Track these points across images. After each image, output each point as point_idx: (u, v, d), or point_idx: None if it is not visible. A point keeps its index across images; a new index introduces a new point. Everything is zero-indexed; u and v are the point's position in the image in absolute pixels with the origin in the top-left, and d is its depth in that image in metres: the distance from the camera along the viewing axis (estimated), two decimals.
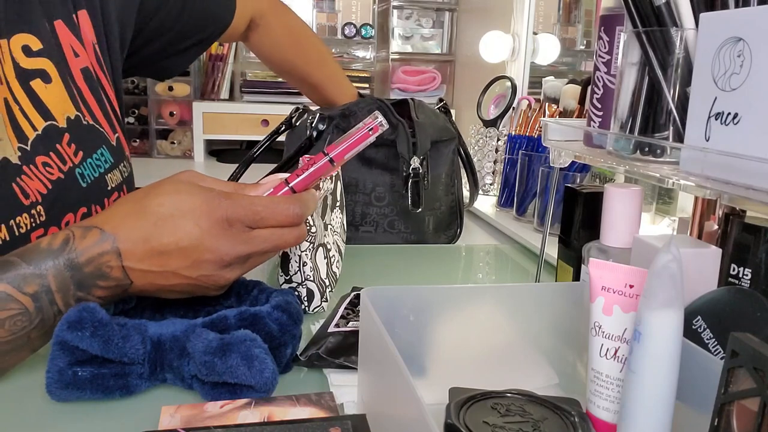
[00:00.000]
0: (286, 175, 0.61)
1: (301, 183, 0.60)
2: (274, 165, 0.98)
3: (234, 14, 0.94)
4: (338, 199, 0.79)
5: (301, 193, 0.60)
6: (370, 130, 0.59)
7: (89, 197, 0.67)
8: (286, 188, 0.60)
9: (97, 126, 0.71)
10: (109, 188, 0.71)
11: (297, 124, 1.02)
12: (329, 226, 0.76)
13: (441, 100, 1.11)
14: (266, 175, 0.75)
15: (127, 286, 0.54)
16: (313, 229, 0.69)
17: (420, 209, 0.91)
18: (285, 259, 0.69)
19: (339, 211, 0.80)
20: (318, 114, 0.95)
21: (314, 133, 0.94)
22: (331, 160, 0.60)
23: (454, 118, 1.10)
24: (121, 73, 0.80)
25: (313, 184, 0.61)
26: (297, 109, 1.04)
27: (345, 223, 0.85)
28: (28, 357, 0.54)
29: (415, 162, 0.90)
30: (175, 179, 0.58)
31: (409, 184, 0.90)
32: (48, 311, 0.51)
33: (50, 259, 0.51)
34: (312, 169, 0.60)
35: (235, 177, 0.99)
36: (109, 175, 0.71)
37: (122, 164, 0.75)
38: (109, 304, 0.56)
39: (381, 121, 0.59)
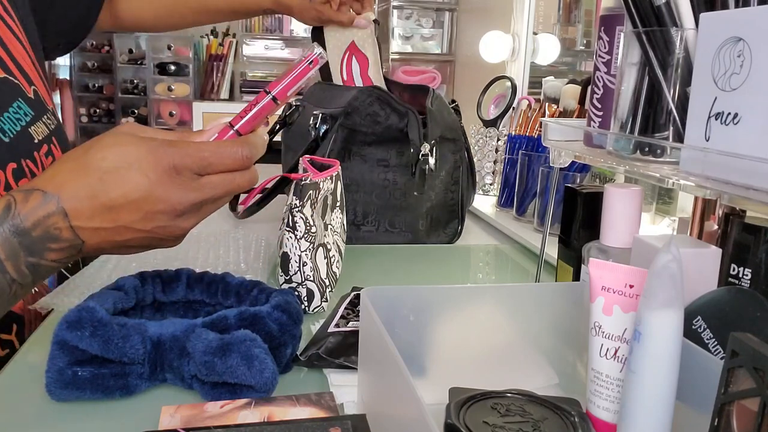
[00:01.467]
0: (229, 118, 0.59)
1: (246, 125, 0.58)
2: (274, 164, 0.98)
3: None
4: (338, 199, 0.79)
5: (248, 136, 0.57)
6: (310, 63, 0.57)
7: (16, 152, 0.64)
8: (232, 132, 0.57)
9: (11, 78, 0.67)
10: (36, 141, 0.67)
11: (291, 122, 1.02)
12: (329, 226, 0.76)
13: (453, 101, 1.11)
14: (273, 177, 0.75)
15: (80, 246, 0.53)
16: (313, 229, 0.69)
17: (423, 193, 0.92)
18: (285, 259, 0.69)
19: (339, 211, 0.80)
20: (320, 115, 0.95)
21: (320, 134, 0.94)
22: (274, 99, 0.57)
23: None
24: (35, 24, 0.77)
25: (259, 125, 0.59)
26: (290, 106, 1.04)
27: (345, 223, 0.85)
28: None
29: (425, 149, 0.90)
30: (115, 131, 0.56)
31: (418, 169, 0.91)
32: (2, 279, 0.50)
33: None
34: (255, 109, 0.57)
35: None
36: (32, 127, 0.67)
37: (45, 116, 0.71)
38: (64, 266, 0.54)
39: (320, 53, 0.57)
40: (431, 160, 0.91)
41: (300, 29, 2.79)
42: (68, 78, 2.72)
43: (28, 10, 0.76)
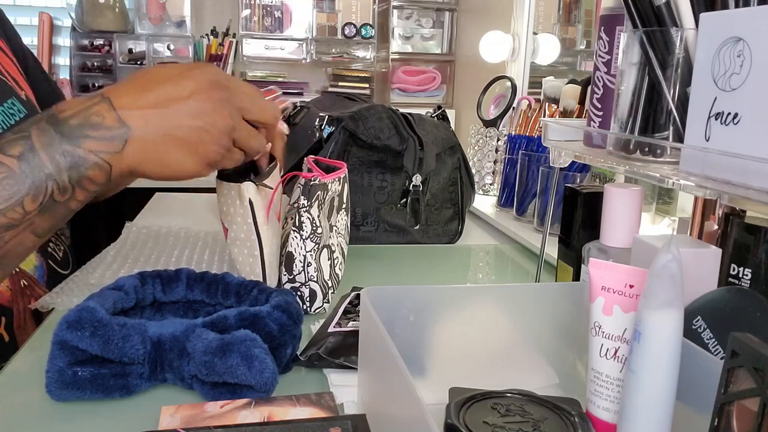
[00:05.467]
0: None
1: None
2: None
3: None
4: (344, 201, 0.79)
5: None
6: None
7: None
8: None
9: (3, 79, 0.70)
10: None
11: (295, 122, 1.02)
12: (334, 228, 0.75)
13: (439, 107, 1.11)
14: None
15: (125, 135, 0.51)
16: (319, 230, 0.69)
17: (418, 226, 0.92)
18: (289, 259, 0.69)
19: (344, 213, 0.80)
20: (327, 116, 0.95)
21: (324, 135, 0.94)
22: None
23: (453, 120, 1.11)
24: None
25: None
26: (295, 106, 1.04)
27: (349, 224, 0.85)
28: (31, 246, 0.52)
29: (417, 180, 0.91)
30: None
31: (409, 200, 0.91)
32: (37, 173, 0.49)
33: (33, 122, 0.50)
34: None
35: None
36: None
37: None
38: (104, 175, 0.52)
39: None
40: (426, 193, 0.92)
41: (300, 30, 2.79)
42: (68, 78, 2.72)
43: (12, 32, 0.79)
